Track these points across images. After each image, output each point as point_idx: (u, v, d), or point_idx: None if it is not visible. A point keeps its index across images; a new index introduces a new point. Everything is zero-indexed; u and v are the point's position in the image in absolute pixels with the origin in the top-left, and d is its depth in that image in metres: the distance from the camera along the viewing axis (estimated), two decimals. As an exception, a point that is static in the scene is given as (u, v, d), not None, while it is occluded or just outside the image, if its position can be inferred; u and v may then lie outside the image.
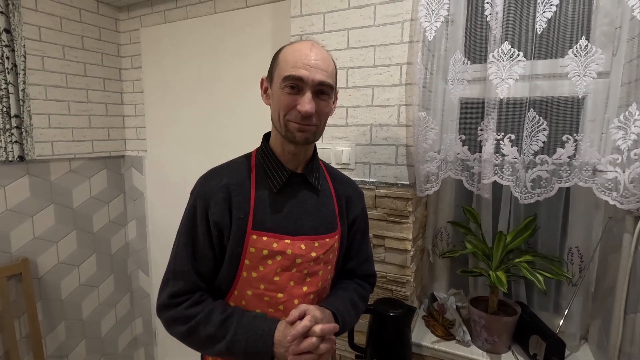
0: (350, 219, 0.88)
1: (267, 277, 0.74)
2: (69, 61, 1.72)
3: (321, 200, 0.82)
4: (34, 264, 1.64)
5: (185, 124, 1.81)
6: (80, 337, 1.87)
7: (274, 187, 0.76)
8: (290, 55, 0.70)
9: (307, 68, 0.69)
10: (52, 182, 1.69)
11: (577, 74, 0.92)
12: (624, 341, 0.91)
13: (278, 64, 0.72)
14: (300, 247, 0.75)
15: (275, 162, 0.77)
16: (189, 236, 0.75)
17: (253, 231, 0.73)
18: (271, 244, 0.74)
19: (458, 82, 1.09)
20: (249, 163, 0.80)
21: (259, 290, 0.75)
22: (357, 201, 0.89)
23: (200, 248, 0.75)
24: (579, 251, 1.14)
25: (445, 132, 1.14)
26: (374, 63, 1.15)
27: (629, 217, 0.90)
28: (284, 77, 0.69)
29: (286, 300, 0.76)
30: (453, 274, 1.42)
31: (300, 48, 0.70)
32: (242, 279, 0.75)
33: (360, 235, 0.92)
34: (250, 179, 0.77)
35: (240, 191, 0.75)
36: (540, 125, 0.97)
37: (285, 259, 0.74)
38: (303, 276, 0.77)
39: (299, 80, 0.69)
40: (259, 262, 0.74)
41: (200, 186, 0.76)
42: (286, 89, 0.70)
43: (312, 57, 0.69)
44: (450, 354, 1.15)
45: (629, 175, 0.85)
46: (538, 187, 1.00)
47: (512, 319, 1.11)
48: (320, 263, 0.79)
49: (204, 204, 0.74)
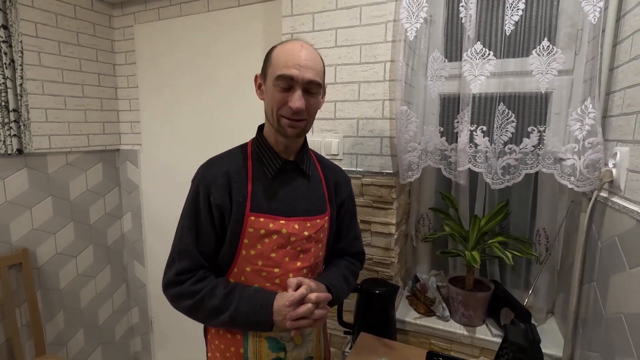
0: (339, 202, 0.97)
1: (264, 254, 0.82)
2: (65, 57, 1.76)
3: (312, 185, 0.90)
4: (34, 254, 1.69)
5: (179, 119, 1.87)
6: (78, 325, 1.93)
7: (269, 174, 0.84)
8: (282, 55, 0.76)
9: (297, 67, 0.75)
10: (50, 175, 1.74)
11: (540, 71, 1.02)
12: (580, 309, 1.03)
13: (271, 63, 0.78)
14: (294, 226, 0.84)
15: (269, 151, 0.85)
16: (193, 219, 0.82)
17: (251, 213, 0.81)
18: (268, 224, 0.81)
19: (437, 79, 1.19)
20: (246, 152, 0.87)
21: (257, 266, 0.83)
22: (344, 186, 0.99)
23: (203, 229, 0.81)
24: (546, 232, 1.26)
25: (425, 125, 1.24)
26: (360, 60, 1.24)
27: (585, 199, 1.01)
28: (277, 76, 0.75)
29: (282, 274, 0.84)
30: (434, 257, 1.53)
31: (291, 48, 0.77)
32: (241, 257, 0.83)
33: (348, 217, 1.01)
34: (247, 167, 0.84)
35: (238, 177, 0.82)
36: (509, 117, 1.08)
37: (280, 237, 0.83)
38: (297, 252, 0.85)
39: (290, 79, 0.75)
40: (257, 241, 0.82)
41: (202, 173, 0.83)
42: (278, 87, 0.76)
43: (302, 56, 0.76)
44: (431, 328, 1.26)
45: (584, 162, 0.96)
46: (508, 174, 1.10)
47: (486, 294, 1.22)
48: (312, 241, 0.88)
49: (206, 189, 0.80)
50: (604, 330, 0.87)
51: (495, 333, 1.19)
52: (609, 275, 0.86)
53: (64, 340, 1.86)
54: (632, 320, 0.74)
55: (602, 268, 0.91)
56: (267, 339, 0.86)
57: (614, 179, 0.87)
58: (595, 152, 0.94)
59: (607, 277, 0.87)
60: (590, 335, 0.95)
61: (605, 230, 0.91)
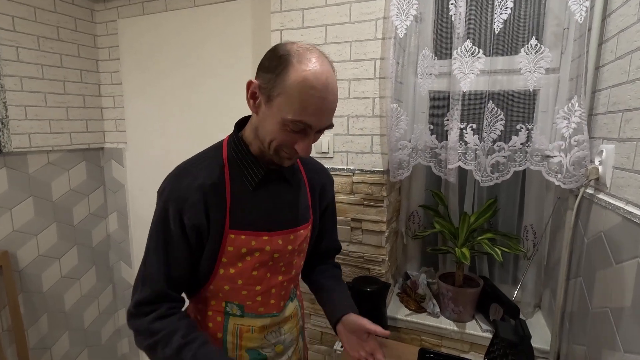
0: (324, 206, 0.93)
1: (245, 272, 0.76)
2: (45, 52, 1.69)
3: (295, 192, 0.82)
4: (14, 257, 1.64)
5: (165, 116, 1.83)
6: (63, 329, 1.88)
7: (250, 185, 0.75)
8: (304, 95, 0.62)
9: (319, 115, 0.65)
10: (30, 175, 1.68)
11: (528, 69, 1.03)
12: (566, 303, 1.05)
13: (285, 91, 0.63)
14: (278, 242, 0.77)
15: (249, 159, 0.75)
16: (160, 241, 0.71)
17: (231, 230, 0.72)
18: (249, 242, 0.74)
19: (427, 76, 1.19)
20: (221, 159, 0.75)
21: (236, 284, 0.76)
22: (329, 188, 0.94)
23: (175, 252, 0.71)
24: (533, 229, 1.28)
25: (415, 123, 1.24)
26: (350, 58, 1.23)
27: (571, 195, 1.03)
28: (292, 120, 0.64)
29: (264, 291, 0.79)
30: (424, 254, 1.54)
31: (315, 86, 0.62)
32: (219, 275, 0.75)
33: (330, 217, 0.98)
34: (224, 176, 0.73)
35: (215, 191, 0.72)
36: (498, 115, 1.09)
37: (263, 254, 0.76)
38: (279, 267, 0.80)
39: (307, 127, 0.66)
40: (237, 260, 0.74)
41: (171, 187, 0.71)
42: (288, 128, 0.65)
43: (329, 100, 0.65)
44: (421, 324, 1.27)
45: (570, 159, 0.98)
46: (496, 171, 1.12)
47: (475, 290, 1.23)
48: (295, 253, 0.83)
49: (177, 208, 0.70)
50: (590, 324, 0.89)
51: (485, 328, 1.21)
52: (595, 271, 0.88)
53: (47, 345, 1.81)
54: (618, 314, 0.76)
55: (588, 263, 0.93)
56: (247, 351, 0.81)
57: (600, 176, 0.88)
58: (581, 150, 0.95)
59: (593, 272, 0.89)
60: (576, 329, 0.98)
61: (591, 226, 0.93)
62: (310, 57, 0.64)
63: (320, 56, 0.66)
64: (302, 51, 0.64)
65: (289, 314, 0.87)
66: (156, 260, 0.71)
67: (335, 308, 0.87)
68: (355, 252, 1.33)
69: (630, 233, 0.72)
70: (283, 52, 0.65)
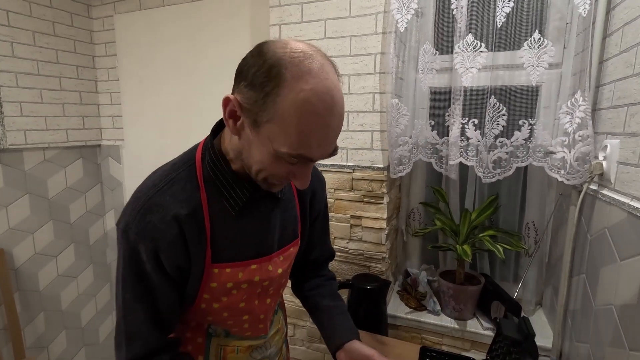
0: (316, 213, 0.81)
1: (231, 306, 0.66)
2: (40, 47, 1.67)
3: (284, 207, 0.70)
4: (10, 255, 1.62)
5: (163, 113, 1.81)
6: (60, 327, 1.86)
7: (233, 210, 0.61)
8: (304, 123, 0.49)
9: (323, 146, 0.52)
10: (26, 172, 1.66)
11: (531, 64, 1.02)
12: (569, 300, 1.04)
13: (278, 118, 0.49)
14: (268, 268, 0.67)
15: (230, 178, 0.60)
16: (138, 287, 0.58)
17: (214, 264, 0.61)
18: (236, 275, 0.63)
19: (427, 72, 1.18)
20: (195, 178, 0.60)
21: (221, 317, 0.68)
22: (321, 192, 0.82)
23: (160, 297, 0.60)
24: (535, 226, 1.27)
25: (416, 118, 1.23)
26: (350, 52, 1.21)
27: (574, 192, 1.02)
28: (287, 154, 0.51)
29: (252, 320, 0.71)
30: (425, 252, 1.53)
31: (319, 113, 0.48)
32: (200, 310, 0.66)
33: (322, 223, 0.86)
34: (200, 200, 0.59)
35: (192, 221, 0.58)
36: (500, 111, 1.07)
37: (252, 286, 0.66)
38: (268, 292, 0.72)
39: (307, 159, 0.53)
40: (222, 295, 0.64)
41: (138, 224, 0.56)
42: (283, 160, 0.52)
43: (333, 127, 0.51)
44: (422, 322, 1.26)
45: (574, 155, 0.96)
46: (498, 167, 1.10)
47: (476, 288, 1.22)
48: (284, 275, 0.74)
49: (151, 247, 0.56)
50: (593, 322, 0.88)
51: (486, 326, 1.20)
52: (599, 267, 0.87)
53: (44, 344, 1.79)
54: (623, 311, 0.75)
55: (591, 260, 0.92)
56: None
57: (604, 171, 0.87)
58: (585, 145, 0.94)
59: (597, 269, 0.88)
60: (579, 326, 0.96)
61: (594, 222, 0.92)
62: (310, 68, 0.48)
63: (323, 63, 0.50)
64: (299, 59, 0.48)
65: (275, 330, 0.81)
66: (141, 311, 0.58)
67: (335, 333, 0.78)
68: (355, 250, 1.31)
69: (636, 229, 0.71)
70: (272, 62, 0.48)
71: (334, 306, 0.82)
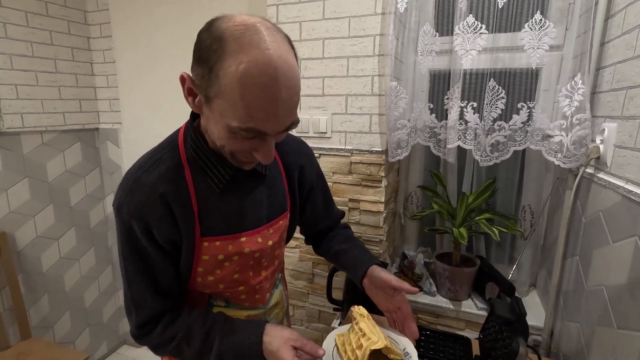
0: (308, 188, 0.84)
1: (225, 278, 0.69)
2: (34, 29, 1.64)
3: (270, 182, 0.73)
4: (12, 238, 1.64)
5: (161, 95, 1.79)
6: (64, 308, 1.90)
7: (217, 188, 0.64)
8: (247, 96, 0.48)
9: (272, 119, 0.51)
10: (25, 156, 1.66)
11: (531, 46, 1.01)
12: (562, 281, 1.06)
13: (222, 91, 0.49)
14: (257, 240, 0.70)
15: (212, 158, 0.63)
16: (138, 262, 0.63)
17: (203, 238, 0.65)
18: (226, 247, 0.66)
19: (427, 54, 1.16)
20: (178, 158, 0.63)
21: (218, 289, 0.71)
22: (310, 167, 0.83)
23: (158, 265, 0.64)
24: (531, 209, 1.28)
25: (415, 101, 1.22)
26: (349, 34, 1.20)
27: (571, 175, 1.02)
28: (238, 128, 0.51)
29: (248, 290, 0.74)
30: (422, 236, 1.55)
31: (261, 84, 0.48)
32: (196, 283, 0.69)
33: (321, 193, 0.89)
34: (185, 180, 0.63)
35: (178, 199, 0.62)
36: (500, 94, 1.07)
37: (243, 258, 0.69)
38: (262, 264, 0.74)
39: (260, 133, 0.53)
40: (215, 267, 0.67)
41: (129, 202, 0.60)
42: (238, 135, 0.53)
43: (282, 100, 0.49)
44: (418, 302, 1.29)
45: (571, 138, 0.96)
46: (496, 151, 1.10)
47: (472, 269, 1.24)
48: (276, 246, 0.77)
49: (142, 222, 0.60)
50: (584, 302, 0.90)
51: (480, 306, 1.22)
52: (592, 250, 0.88)
53: (49, 324, 1.84)
54: (613, 292, 0.76)
55: (585, 243, 0.93)
56: None
57: (601, 155, 0.87)
58: (583, 129, 0.94)
59: (590, 251, 0.89)
60: (571, 307, 0.99)
61: (589, 206, 0.93)
62: (250, 40, 0.47)
63: (268, 34, 0.49)
64: (240, 32, 0.48)
65: (274, 302, 0.83)
66: (143, 282, 0.64)
67: (356, 265, 0.82)
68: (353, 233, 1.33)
69: (630, 212, 0.72)
70: (215, 36, 0.49)
71: (350, 246, 0.87)
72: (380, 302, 0.81)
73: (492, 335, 0.78)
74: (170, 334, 0.66)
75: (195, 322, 0.66)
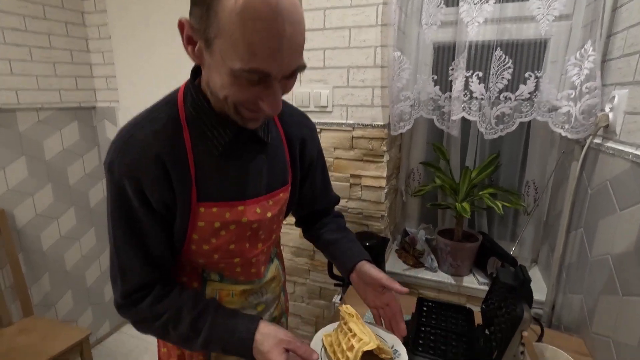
0: (308, 162, 0.80)
1: (221, 247, 0.66)
2: (25, 1, 1.59)
3: (272, 152, 0.70)
4: (11, 216, 1.63)
5: (158, 71, 1.76)
6: (65, 287, 1.91)
7: (216, 150, 0.61)
8: (248, 31, 0.45)
9: (277, 57, 0.48)
10: (21, 133, 1.63)
11: (540, 13, 0.97)
12: (565, 255, 1.05)
13: (222, 30, 0.46)
14: (256, 211, 0.67)
15: (213, 118, 0.60)
16: (127, 225, 0.60)
17: (200, 203, 0.61)
18: (223, 215, 0.63)
19: (431, 25, 1.12)
20: (177, 117, 0.60)
21: (212, 259, 0.68)
22: (311, 141, 0.80)
23: (148, 230, 0.61)
24: (535, 184, 1.27)
25: (418, 73, 1.19)
26: (351, 3, 1.16)
27: (577, 146, 1.00)
28: (241, 69, 0.48)
29: (243, 263, 0.71)
30: (423, 212, 1.54)
31: (262, 17, 0.45)
32: (191, 251, 0.66)
33: (320, 172, 0.86)
34: (183, 140, 0.59)
35: (175, 160, 0.59)
36: (506, 63, 1.04)
37: (240, 227, 0.66)
38: (259, 236, 0.71)
39: (265, 75, 0.49)
40: (210, 235, 0.64)
41: (121, 161, 0.57)
42: (242, 79, 0.49)
43: (286, 35, 0.46)
44: (419, 278, 1.29)
45: (580, 108, 0.94)
46: (501, 123, 1.08)
47: (474, 245, 1.24)
48: (275, 219, 0.73)
49: (134, 182, 0.57)
50: (588, 273, 0.90)
51: (482, 281, 1.22)
52: (598, 220, 0.87)
53: (51, 302, 1.84)
54: (619, 260, 0.76)
55: (590, 214, 0.92)
56: None
57: (610, 123, 0.85)
58: (592, 97, 0.91)
59: (595, 221, 0.88)
60: (574, 279, 0.98)
61: (596, 176, 0.91)
62: None
63: None
64: None
65: (270, 277, 0.81)
66: (130, 246, 0.60)
67: (345, 259, 0.81)
68: (354, 209, 1.32)
69: (638, 178, 0.70)
70: None
71: (342, 237, 0.85)
72: (368, 298, 0.78)
73: (496, 304, 0.77)
74: (157, 310, 0.62)
75: (185, 304, 0.63)
